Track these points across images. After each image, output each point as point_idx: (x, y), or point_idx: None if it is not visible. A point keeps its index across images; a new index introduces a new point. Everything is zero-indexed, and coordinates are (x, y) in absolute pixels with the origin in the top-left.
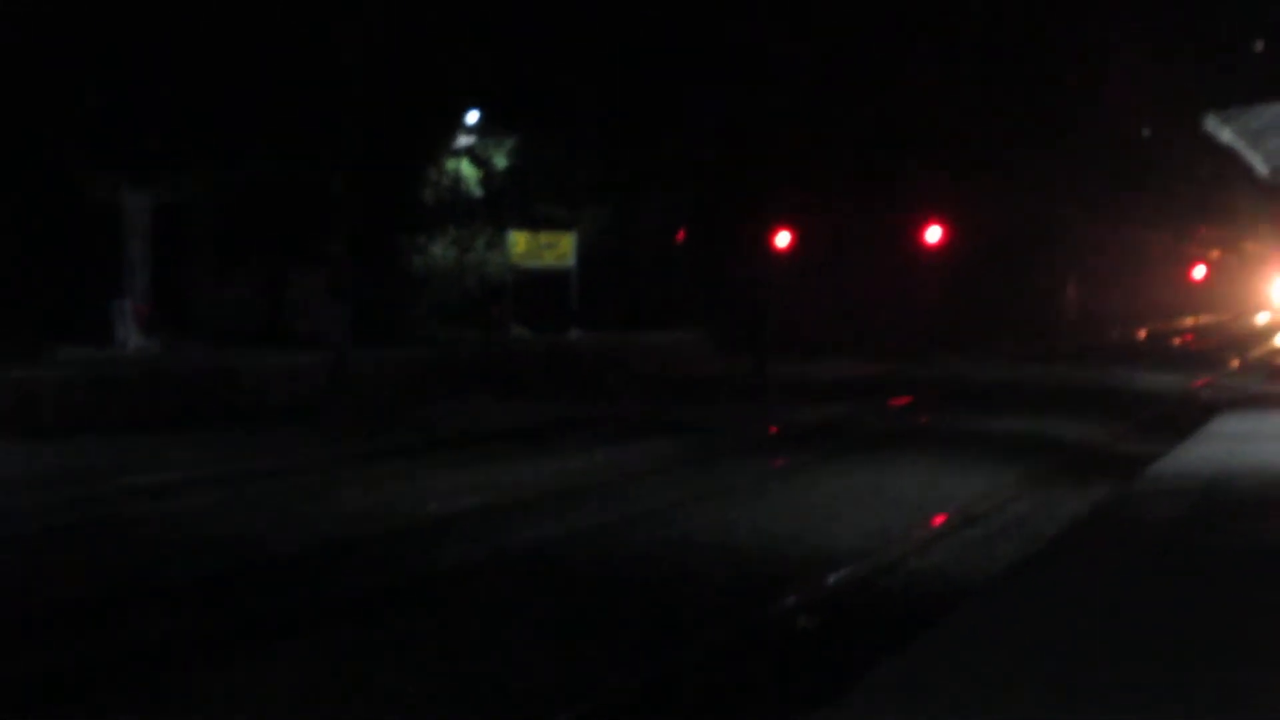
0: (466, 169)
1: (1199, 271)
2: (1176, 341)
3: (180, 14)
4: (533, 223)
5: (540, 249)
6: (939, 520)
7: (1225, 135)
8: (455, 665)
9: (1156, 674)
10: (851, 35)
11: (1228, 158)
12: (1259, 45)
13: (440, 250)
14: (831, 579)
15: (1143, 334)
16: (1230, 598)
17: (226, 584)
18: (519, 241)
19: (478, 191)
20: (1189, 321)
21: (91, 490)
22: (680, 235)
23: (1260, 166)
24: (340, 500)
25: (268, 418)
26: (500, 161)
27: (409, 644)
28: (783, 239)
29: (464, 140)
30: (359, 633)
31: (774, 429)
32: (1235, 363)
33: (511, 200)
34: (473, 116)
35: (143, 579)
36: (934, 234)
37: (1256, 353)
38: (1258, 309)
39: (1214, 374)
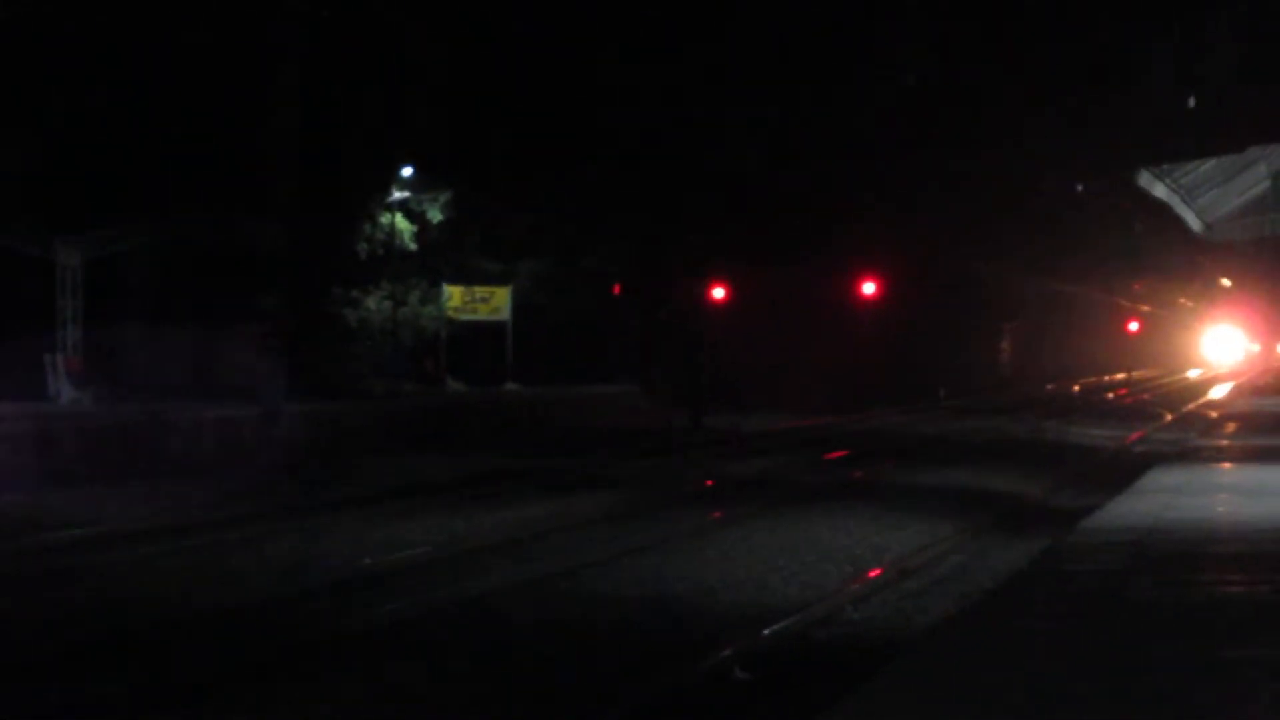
0: (401, 222)
1: (1133, 326)
2: (1110, 396)
3: (105, 66)
4: (467, 276)
5: (475, 302)
6: (875, 573)
7: (1159, 191)
8: None
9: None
10: (785, 95)
11: (1161, 213)
12: (1191, 102)
13: (374, 304)
14: (767, 631)
15: (1077, 388)
16: (1164, 652)
17: (153, 640)
18: (454, 295)
19: (412, 245)
20: (1123, 376)
21: (18, 544)
22: (616, 289)
23: (1193, 222)
24: (273, 554)
25: (200, 471)
26: (435, 215)
27: (335, 700)
28: (718, 293)
29: (398, 194)
30: (289, 689)
31: (710, 482)
32: (1169, 417)
33: (446, 254)
34: (407, 170)
35: (62, 635)
36: (869, 288)
37: (1189, 407)
38: (1191, 364)
39: (1148, 428)
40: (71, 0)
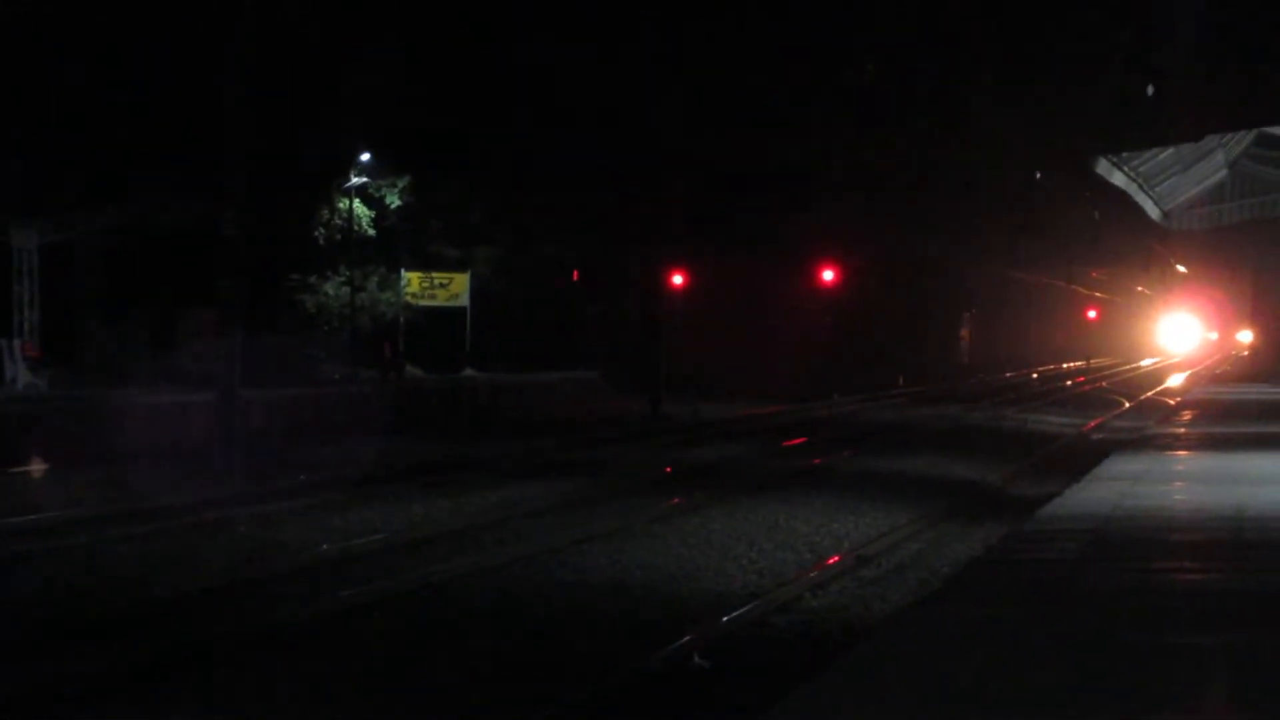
0: (359, 208)
1: (1091, 314)
2: (1069, 383)
3: (59, 47)
4: (426, 262)
5: (434, 288)
6: (833, 560)
7: (1117, 179)
8: (340, 708)
9: (1047, 710)
10: (746, 82)
11: (1120, 201)
12: (1150, 90)
13: (332, 289)
14: (726, 619)
15: (1035, 375)
16: (1121, 638)
17: (118, 625)
18: (412, 281)
19: (371, 231)
20: (1081, 364)
21: None
22: (575, 275)
23: (1152, 210)
24: (229, 540)
25: (157, 456)
26: (393, 201)
27: (295, 685)
28: (678, 280)
29: (357, 179)
30: (244, 674)
31: (669, 469)
32: (1127, 405)
33: (404, 240)
34: (365, 155)
35: (14, 621)
36: (828, 275)
37: (1147, 395)
38: (1149, 352)
39: (1106, 415)
40: None
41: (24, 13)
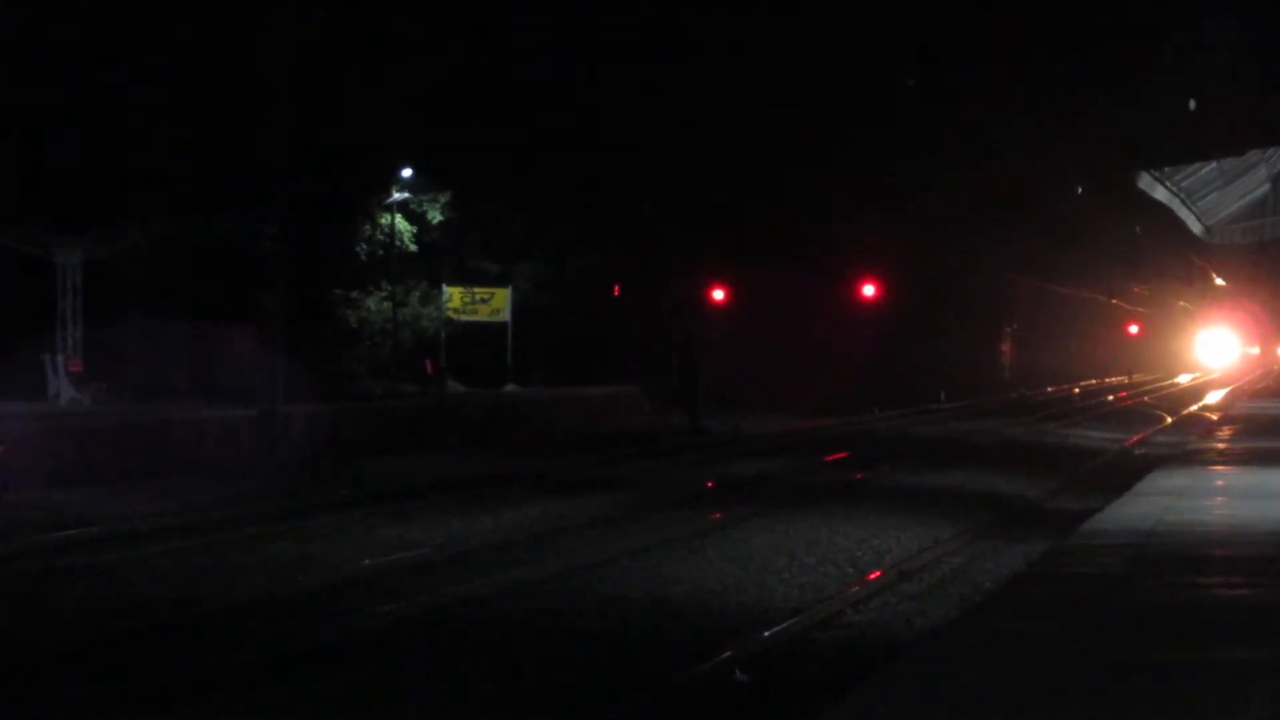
0: (401, 223)
1: (1133, 329)
2: (1111, 398)
3: (103, 67)
4: (467, 277)
5: (475, 303)
6: (875, 575)
7: (1159, 193)
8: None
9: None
10: (786, 97)
11: (1162, 216)
12: (1192, 104)
13: (374, 304)
14: (767, 634)
15: (1077, 390)
16: (1163, 653)
17: (159, 639)
18: (453, 296)
19: (412, 246)
20: (1123, 378)
21: (18, 544)
22: (616, 290)
23: (1194, 224)
24: (273, 555)
25: (200, 472)
26: (435, 216)
27: (339, 699)
28: (718, 294)
29: (398, 195)
30: (288, 688)
31: (709, 483)
32: (1169, 420)
33: (446, 254)
34: (407, 171)
35: (71, 635)
36: (869, 290)
37: (1189, 410)
38: (1190, 366)
39: (1148, 431)
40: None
41: (65, 28)
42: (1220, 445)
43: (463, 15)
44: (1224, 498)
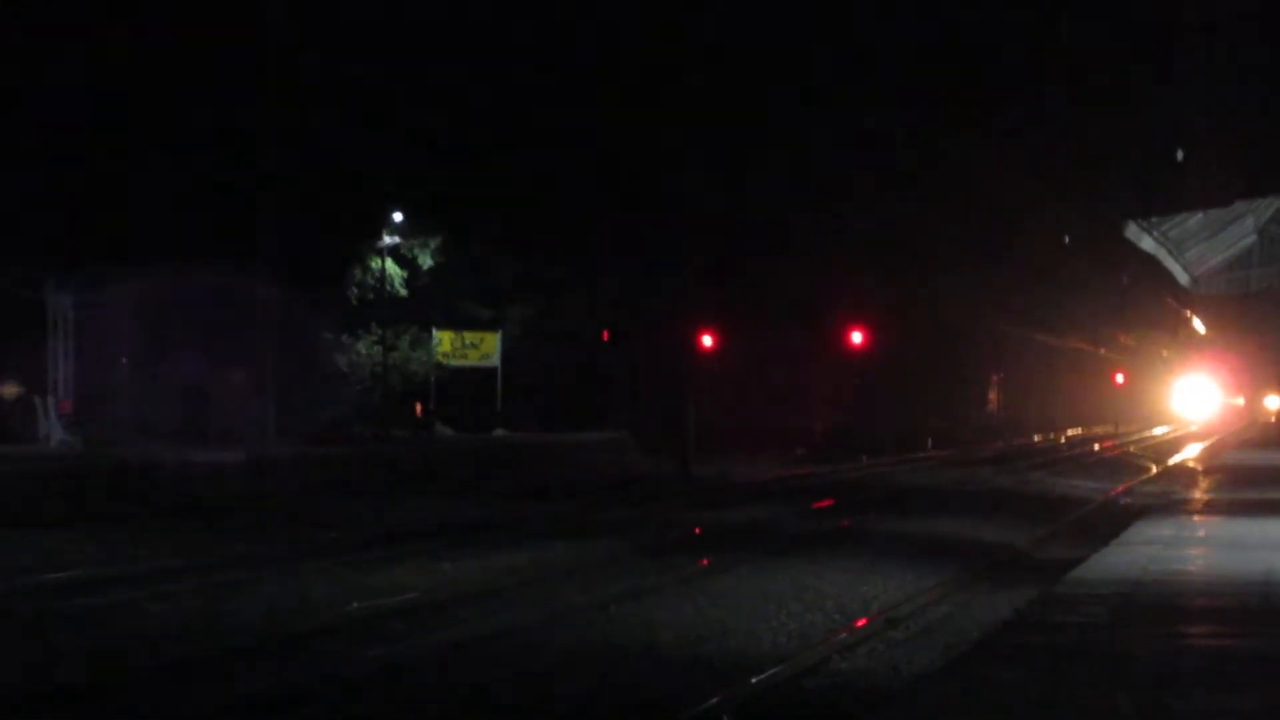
0: (391, 268)
1: (1119, 378)
2: (1097, 447)
3: (96, 109)
4: (457, 322)
5: (465, 348)
6: (862, 623)
7: (1146, 243)
8: None
9: None
10: (776, 147)
11: (1149, 265)
12: (1180, 156)
13: (365, 348)
14: (755, 680)
15: (1063, 439)
16: (1147, 701)
17: (142, 684)
18: (444, 340)
19: (403, 290)
20: (1108, 427)
21: (10, 585)
22: (605, 336)
23: (1181, 275)
24: (262, 598)
25: (189, 514)
26: (425, 260)
27: None
28: (707, 341)
29: (389, 239)
30: None
31: (698, 529)
32: (1154, 469)
33: (436, 299)
34: (398, 215)
35: (48, 678)
36: (857, 338)
37: (1174, 460)
38: (1174, 417)
39: (1134, 480)
40: (64, 47)
41: (63, 78)
42: (1207, 496)
43: (456, 63)
44: (1210, 548)
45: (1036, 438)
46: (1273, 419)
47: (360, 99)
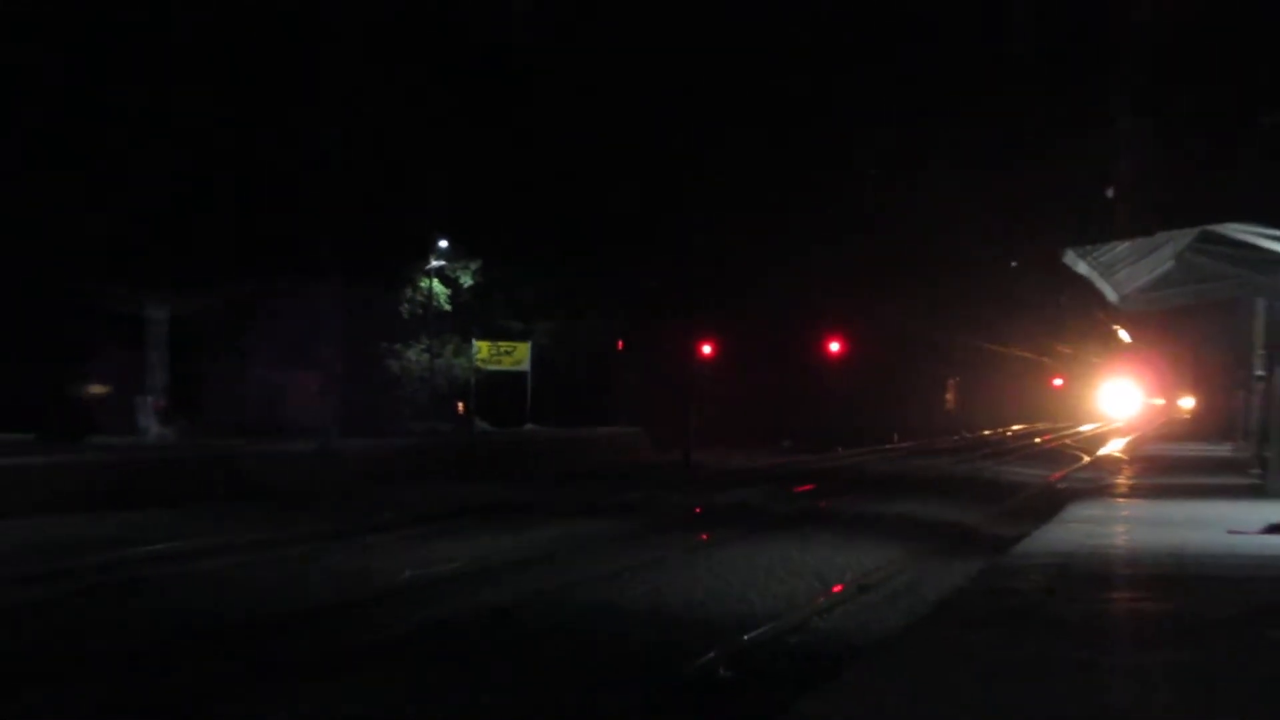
0: (438, 287)
1: (1057, 382)
2: (1038, 440)
3: (186, 151)
4: (493, 333)
5: (500, 355)
6: (838, 588)
7: (1081, 267)
8: (427, 706)
9: (1027, 704)
10: (764, 184)
11: (1084, 286)
12: (1110, 192)
13: (414, 355)
14: (747, 637)
15: (1009, 434)
16: (1080, 655)
17: (234, 637)
18: (482, 349)
19: (447, 306)
20: (1048, 424)
21: (120, 556)
22: (620, 345)
23: (1110, 294)
24: (329, 568)
25: (266, 497)
26: (466, 280)
27: (388, 687)
28: (706, 349)
29: (435, 262)
30: (341, 680)
31: (698, 509)
32: (1086, 459)
33: (475, 314)
34: (443, 242)
35: (164, 633)
36: (835, 346)
37: (1104, 451)
38: (1104, 414)
39: (1069, 468)
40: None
41: (159, 113)
42: (1131, 481)
43: (494, 115)
44: (1134, 525)
45: (987, 432)
46: (1187, 416)
47: (413, 144)
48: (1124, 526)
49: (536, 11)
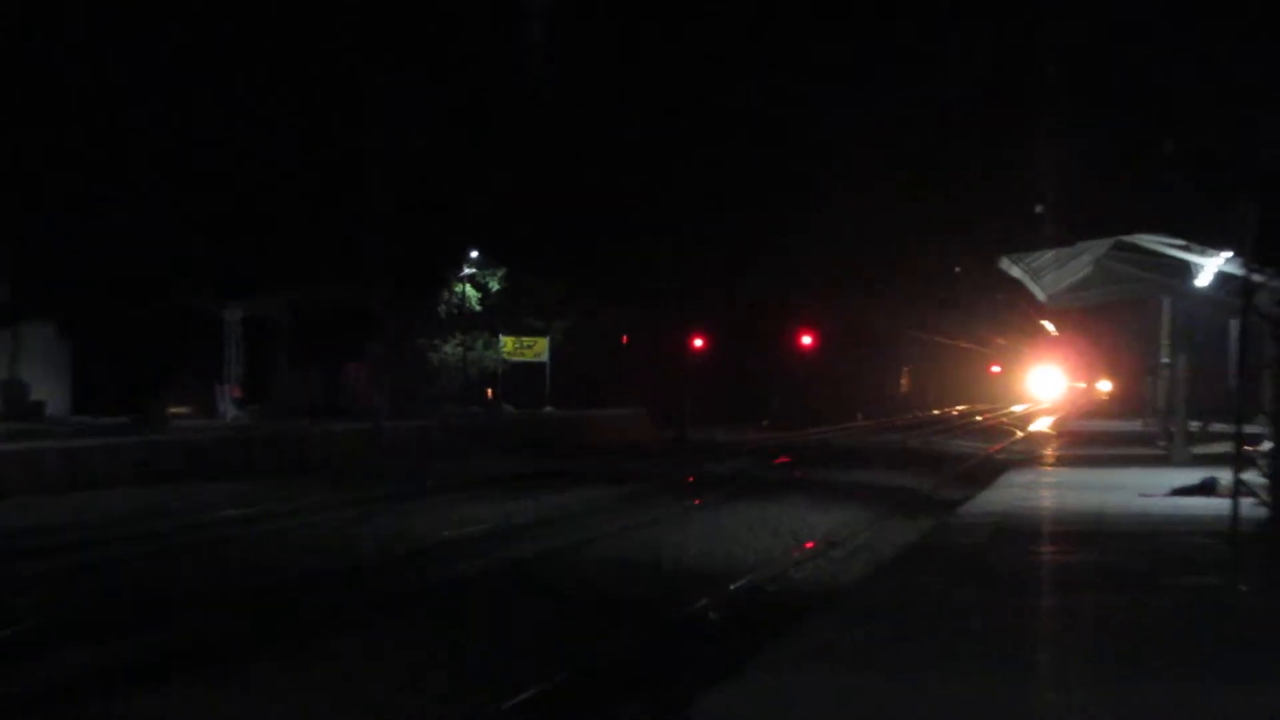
0: (469, 291)
1: (995, 369)
2: (979, 419)
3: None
4: (517, 330)
5: (523, 348)
6: (810, 544)
7: (1015, 271)
8: (463, 637)
9: (962, 642)
10: (748, 208)
11: (1016, 288)
12: (1039, 208)
13: (450, 349)
14: (732, 586)
15: (954, 413)
16: (1012, 599)
17: (302, 586)
18: (507, 343)
19: (478, 307)
20: (988, 405)
21: (201, 519)
22: (625, 339)
23: (1039, 294)
24: (379, 528)
25: (326, 469)
26: (494, 285)
27: (430, 623)
28: (698, 342)
29: (468, 270)
30: (393, 620)
31: (691, 478)
32: (1020, 434)
33: (502, 314)
34: (474, 253)
35: (239, 582)
36: (807, 340)
37: (1035, 428)
38: (1034, 397)
39: (1005, 442)
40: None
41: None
42: (1059, 452)
43: (517, 144)
44: (1058, 489)
45: (936, 412)
46: (1105, 397)
47: (449, 168)
48: (1052, 491)
49: (548, 41)
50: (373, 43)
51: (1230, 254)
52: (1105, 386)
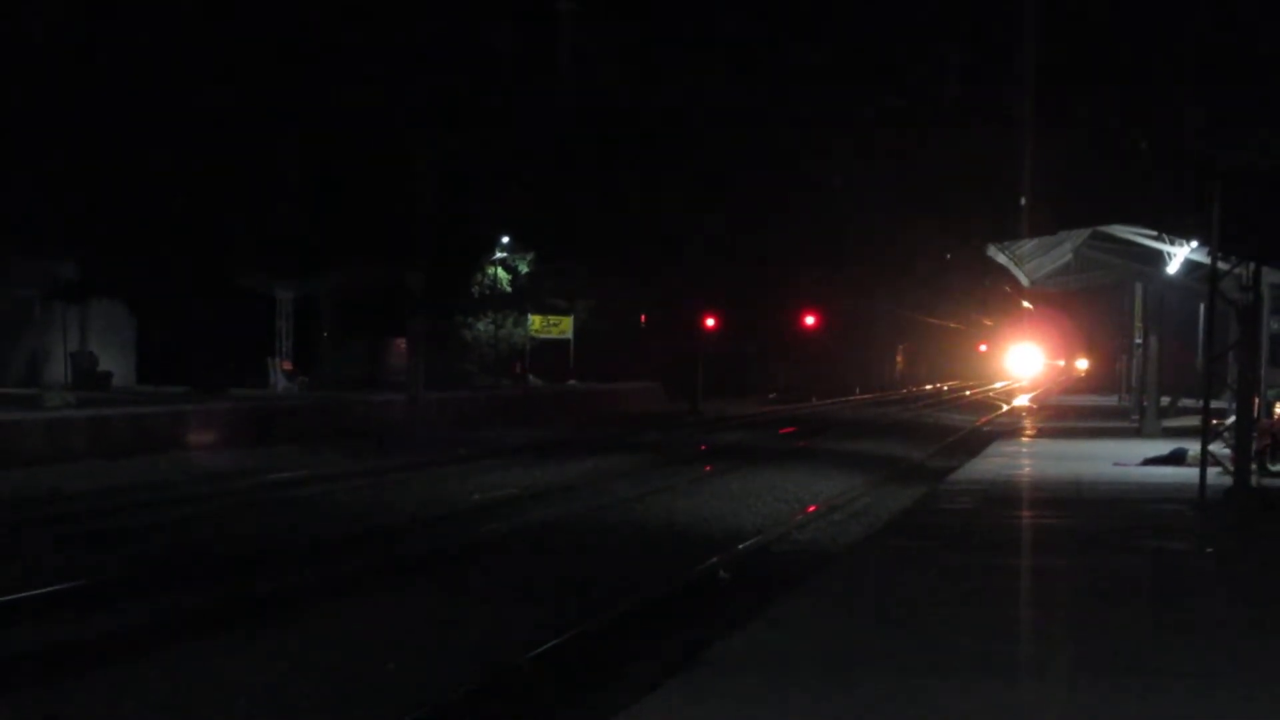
0: (500, 273)
1: (982, 348)
2: (967, 394)
3: (310, 168)
4: (544, 309)
5: (549, 326)
6: (812, 509)
7: (1001, 258)
8: (497, 588)
9: (957, 593)
10: (761, 199)
11: (1002, 273)
12: (1023, 200)
13: (482, 327)
14: (741, 547)
15: (945, 389)
16: (996, 559)
17: (347, 544)
18: (535, 321)
19: (508, 288)
20: (975, 381)
21: (258, 481)
22: (643, 319)
23: (1023, 280)
24: (415, 491)
25: (368, 437)
26: (523, 268)
27: (467, 576)
28: (710, 322)
29: (499, 254)
30: (427, 576)
31: (703, 447)
32: (1005, 408)
33: (530, 294)
34: (505, 238)
35: (288, 541)
36: (810, 320)
37: (1019, 402)
38: (1017, 374)
39: (991, 415)
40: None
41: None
42: (1040, 425)
43: (546, 141)
44: (1039, 459)
45: (928, 388)
46: (1082, 375)
47: (488, 166)
48: (1033, 460)
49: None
50: (413, 43)
51: (1198, 243)
52: (1082, 365)
